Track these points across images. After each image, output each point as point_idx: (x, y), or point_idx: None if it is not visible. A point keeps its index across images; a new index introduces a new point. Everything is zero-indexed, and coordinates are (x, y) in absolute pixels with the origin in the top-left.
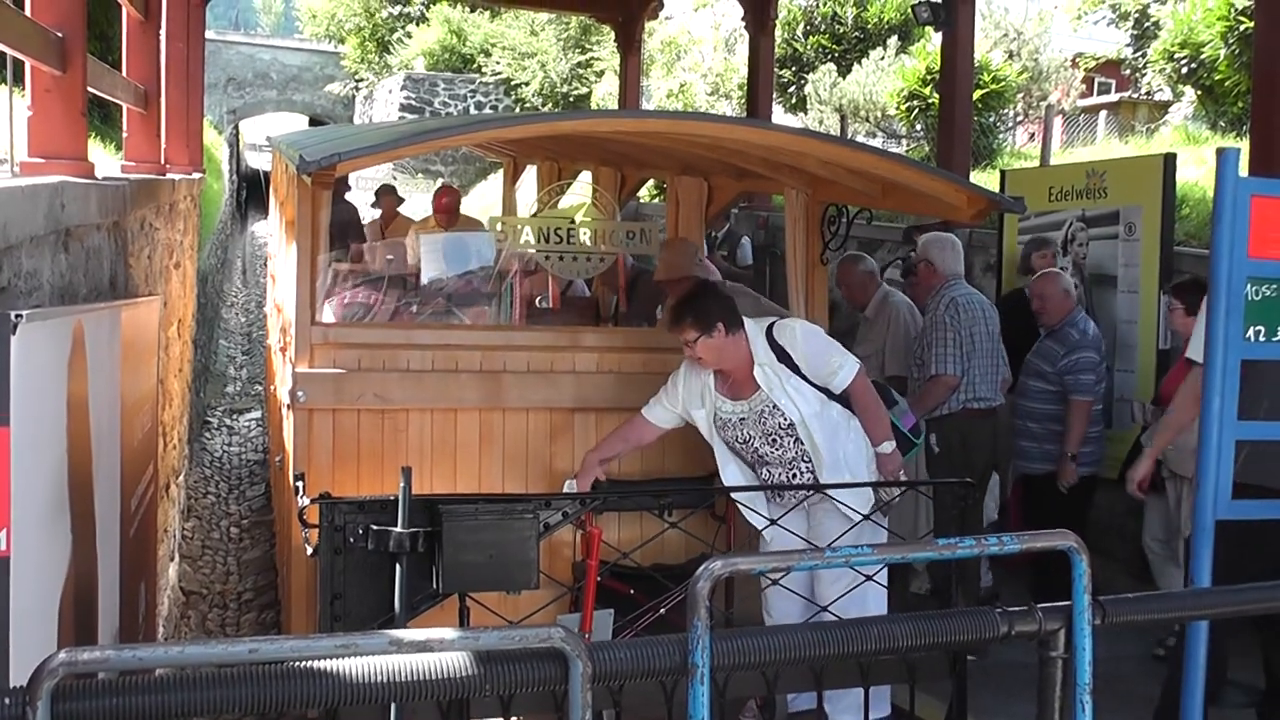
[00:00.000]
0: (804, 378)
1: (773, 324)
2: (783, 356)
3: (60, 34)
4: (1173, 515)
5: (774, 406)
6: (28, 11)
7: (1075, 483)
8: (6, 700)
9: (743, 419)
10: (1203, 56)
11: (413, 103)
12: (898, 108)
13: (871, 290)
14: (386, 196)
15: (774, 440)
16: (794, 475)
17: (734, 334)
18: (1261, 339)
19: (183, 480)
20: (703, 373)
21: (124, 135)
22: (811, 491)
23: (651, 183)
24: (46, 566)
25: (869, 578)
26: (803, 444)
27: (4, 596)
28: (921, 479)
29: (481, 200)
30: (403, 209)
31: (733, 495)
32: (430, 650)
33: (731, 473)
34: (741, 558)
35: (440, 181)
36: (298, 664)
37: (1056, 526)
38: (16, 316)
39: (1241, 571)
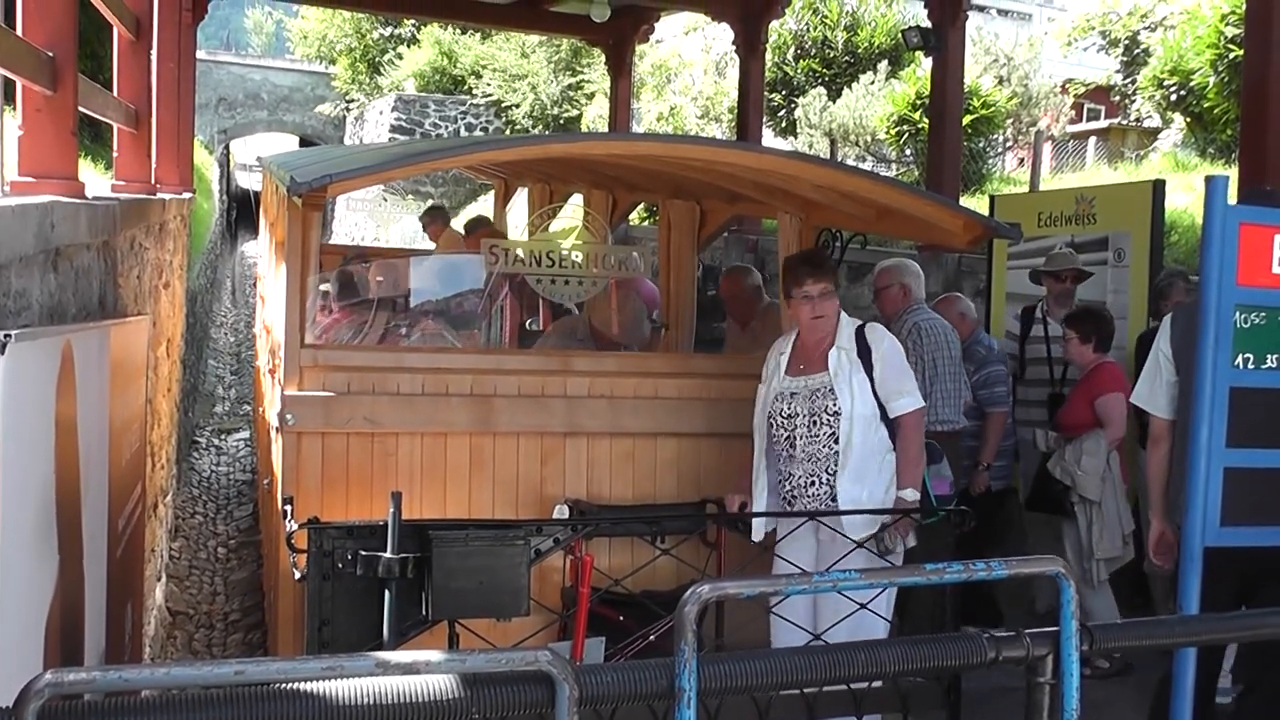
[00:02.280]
0: (871, 383)
1: (865, 323)
2: (862, 352)
3: (51, 54)
4: (1083, 538)
5: (830, 390)
6: (19, 31)
7: (984, 491)
8: None
9: (794, 394)
10: (1192, 84)
11: (403, 124)
12: (887, 132)
13: (758, 304)
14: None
15: (814, 423)
16: (813, 481)
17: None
18: (1250, 366)
19: (170, 500)
20: (784, 347)
21: (114, 155)
22: (811, 515)
23: (642, 206)
24: (33, 586)
25: (862, 606)
26: (837, 445)
27: None
28: None
29: None
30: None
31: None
32: (417, 673)
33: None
34: (729, 582)
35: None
36: (284, 686)
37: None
38: (5, 336)
39: None
